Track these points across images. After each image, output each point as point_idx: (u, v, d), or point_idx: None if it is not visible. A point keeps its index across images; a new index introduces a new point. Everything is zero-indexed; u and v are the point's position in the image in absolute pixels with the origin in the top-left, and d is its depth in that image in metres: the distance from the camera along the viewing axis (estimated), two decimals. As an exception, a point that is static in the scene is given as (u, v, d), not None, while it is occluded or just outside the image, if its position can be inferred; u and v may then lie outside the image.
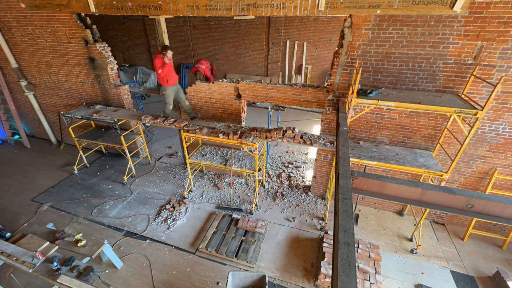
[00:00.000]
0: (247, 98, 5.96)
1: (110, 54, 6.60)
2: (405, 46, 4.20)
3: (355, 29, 4.29)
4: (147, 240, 5.37)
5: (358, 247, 4.70)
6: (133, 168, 7.21)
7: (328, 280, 4.29)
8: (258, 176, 5.92)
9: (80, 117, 6.67)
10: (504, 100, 4.14)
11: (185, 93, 6.36)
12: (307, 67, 12.18)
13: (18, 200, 6.48)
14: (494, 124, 4.39)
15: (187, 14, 4.36)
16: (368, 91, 4.14)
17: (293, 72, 12.24)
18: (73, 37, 6.42)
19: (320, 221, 5.78)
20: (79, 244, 4.32)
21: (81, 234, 4.50)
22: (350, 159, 4.08)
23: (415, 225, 5.62)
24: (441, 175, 4.26)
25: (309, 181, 6.98)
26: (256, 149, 5.36)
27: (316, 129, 9.82)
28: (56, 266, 3.90)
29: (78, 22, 6.13)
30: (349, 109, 4.35)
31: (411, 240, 5.36)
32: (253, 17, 5.42)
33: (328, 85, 5.05)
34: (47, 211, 6.13)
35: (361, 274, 4.27)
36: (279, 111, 7.60)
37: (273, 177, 7.19)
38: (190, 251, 5.14)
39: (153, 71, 14.28)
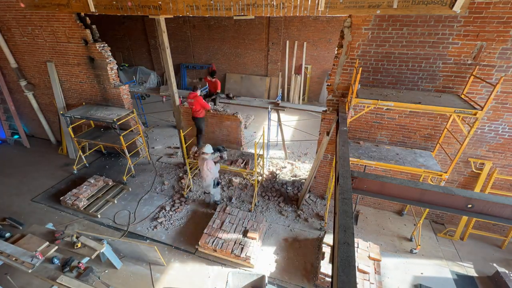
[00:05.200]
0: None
1: (110, 54, 6.59)
2: (405, 46, 4.20)
3: (355, 29, 4.29)
4: (147, 240, 5.36)
5: (358, 247, 4.70)
6: (132, 168, 7.20)
7: (328, 280, 4.29)
8: (257, 176, 5.92)
9: (79, 116, 6.67)
10: (504, 100, 4.14)
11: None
12: (307, 67, 12.18)
13: (18, 200, 6.47)
14: (493, 124, 4.39)
15: (187, 14, 4.36)
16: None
17: (293, 72, 12.24)
18: (73, 37, 6.41)
19: (320, 221, 5.78)
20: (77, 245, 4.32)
21: (77, 238, 4.48)
22: (350, 159, 4.08)
23: (414, 225, 5.63)
24: (441, 175, 4.26)
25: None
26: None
27: (315, 129, 9.81)
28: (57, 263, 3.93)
29: (78, 22, 6.12)
30: (349, 109, 4.35)
31: (410, 240, 5.37)
32: (253, 17, 5.41)
33: (327, 85, 5.05)
34: (47, 211, 6.13)
35: (361, 274, 4.27)
36: (279, 111, 7.60)
37: (272, 176, 7.19)
38: (189, 251, 5.14)
39: (152, 71, 14.28)
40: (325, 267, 4.36)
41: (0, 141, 9.10)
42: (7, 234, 4.61)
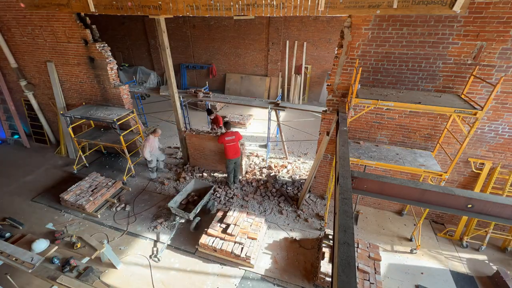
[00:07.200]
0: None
1: (110, 54, 6.59)
2: (405, 46, 4.20)
3: (355, 29, 4.29)
4: (147, 240, 5.36)
5: (357, 247, 4.70)
6: (132, 168, 7.20)
7: (328, 280, 4.29)
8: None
9: (79, 116, 6.67)
10: (504, 100, 4.14)
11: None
12: (307, 67, 12.18)
13: (18, 200, 6.47)
14: (493, 124, 4.39)
15: (187, 14, 4.36)
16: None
17: (293, 72, 12.25)
18: (73, 37, 6.41)
19: (320, 221, 5.78)
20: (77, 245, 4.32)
21: (76, 236, 4.48)
22: (350, 159, 4.08)
23: (414, 225, 5.63)
24: (441, 175, 4.26)
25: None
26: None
27: (316, 129, 9.81)
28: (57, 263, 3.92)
29: (78, 21, 6.12)
30: (349, 109, 4.35)
31: (410, 240, 5.37)
32: (253, 17, 5.42)
33: (327, 85, 5.05)
34: (47, 211, 6.13)
35: (361, 274, 4.27)
36: (279, 110, 7.59)
37: (272, 176, 7.18)
38: (189, 251, 5.14)
39: (152, 71, 14.28)
40: (325, 267, 4.36)
41: (0, 141, 9.11)
42: (7, 234, 4.62)
